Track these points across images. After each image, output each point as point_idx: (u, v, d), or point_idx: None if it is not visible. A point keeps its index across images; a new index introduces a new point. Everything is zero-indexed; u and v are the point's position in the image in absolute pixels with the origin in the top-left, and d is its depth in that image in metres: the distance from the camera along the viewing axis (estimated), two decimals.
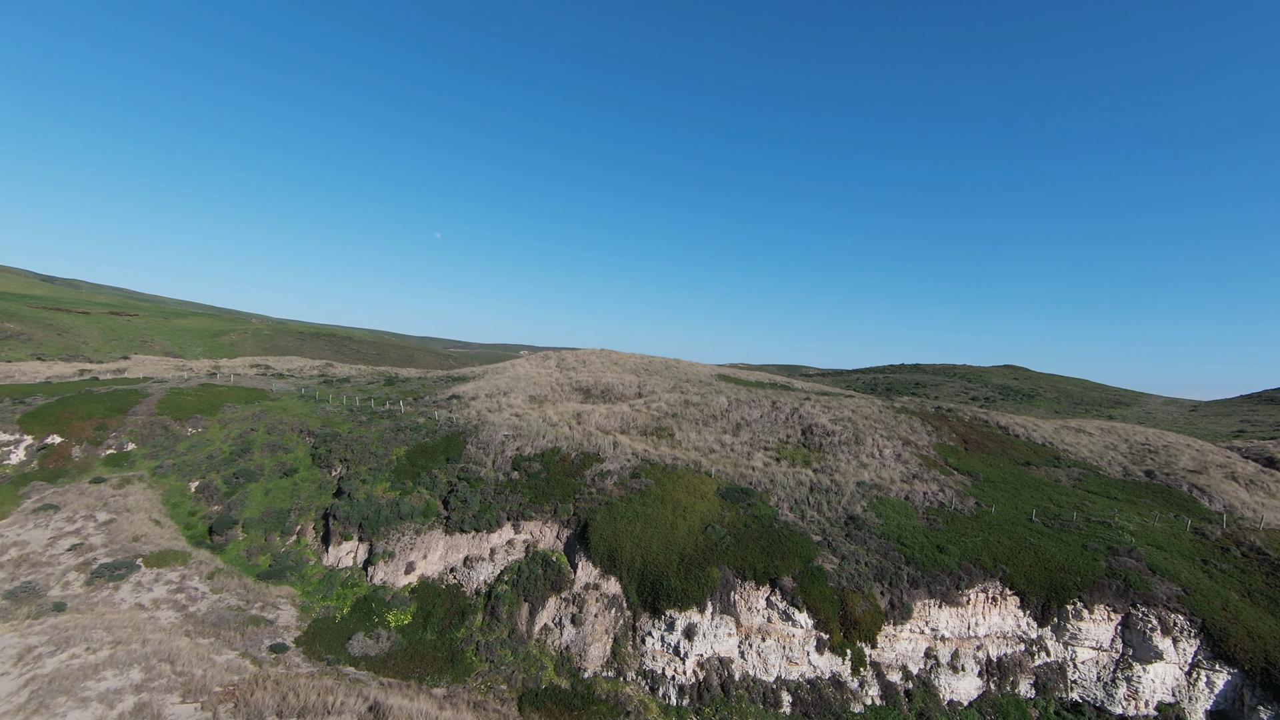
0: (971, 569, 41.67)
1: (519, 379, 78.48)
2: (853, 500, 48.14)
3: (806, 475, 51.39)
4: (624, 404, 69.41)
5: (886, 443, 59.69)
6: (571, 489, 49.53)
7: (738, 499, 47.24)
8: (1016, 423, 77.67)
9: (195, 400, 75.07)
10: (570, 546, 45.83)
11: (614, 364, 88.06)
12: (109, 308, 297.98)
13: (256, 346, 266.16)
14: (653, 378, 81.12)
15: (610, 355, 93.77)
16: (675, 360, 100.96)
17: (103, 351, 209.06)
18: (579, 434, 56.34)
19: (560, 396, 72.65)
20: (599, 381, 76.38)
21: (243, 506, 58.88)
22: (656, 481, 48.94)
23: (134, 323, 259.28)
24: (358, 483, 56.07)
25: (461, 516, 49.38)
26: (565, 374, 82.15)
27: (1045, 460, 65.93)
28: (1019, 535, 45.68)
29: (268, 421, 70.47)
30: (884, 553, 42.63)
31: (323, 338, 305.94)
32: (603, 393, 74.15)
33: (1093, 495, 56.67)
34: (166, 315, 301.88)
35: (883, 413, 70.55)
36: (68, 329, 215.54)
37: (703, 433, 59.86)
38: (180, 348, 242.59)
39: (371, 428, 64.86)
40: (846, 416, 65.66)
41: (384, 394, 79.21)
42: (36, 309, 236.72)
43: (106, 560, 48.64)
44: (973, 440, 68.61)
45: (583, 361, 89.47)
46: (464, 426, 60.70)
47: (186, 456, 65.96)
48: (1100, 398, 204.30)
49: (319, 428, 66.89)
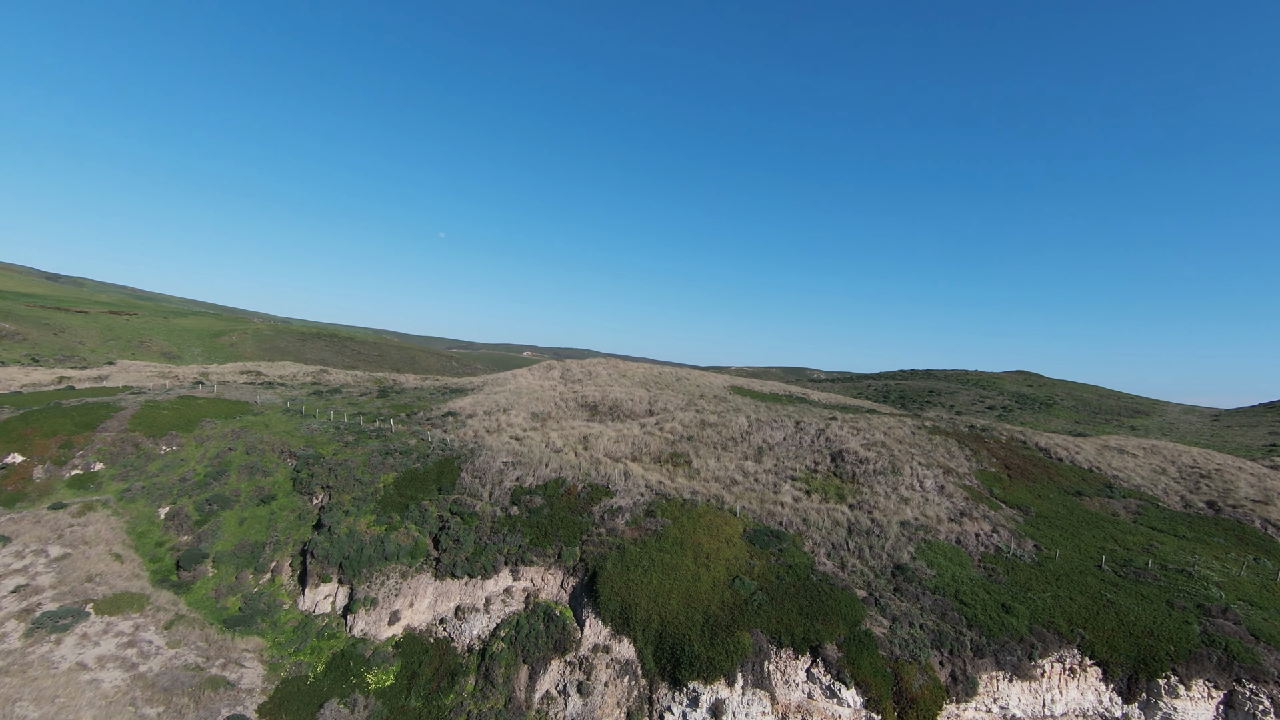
0: (1044, 634, 35.47)
1: (520, 393, 72.41)
2: (898, 545, 41.96)
3: (843, 513, 45.23)
4: (634, 423, 63.31)
5: (926, 471, 53.49)
6: (578, 528, 43.41)
7: (767, 543, 41.09)
8: (1057, 444, 71.35)
9: (172, 415, 69.14)
10: (577, 599, 39.71)
11: (622, 376, 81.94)
12: (108, 307, 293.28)
13: (256, 347, 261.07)
14: (664, 392, 75.02)
15: (618, 366, 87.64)
16: (686, 371, 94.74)
17: (99, 352, 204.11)
18: (586, 461, 50.26)
19: (565, 414, 66.59)
20: (606, 397, 70.31)
21: (214, 538, 52.92)
22: (674, 521, 42.80)
23: (133, 322, 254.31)
24: (340, 514, 50.03)
25: (454, 559, 43.31)
26: (570, 388, 76.06)
27: (1096, 489, 59.65)
28: (1092, 589, 39.44)
29: (248, 440, 64.49)
30: (941, 613, 36.45)
31: (323, 338, 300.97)
32: (610, 409, 68.09)
33: (1159, 534, 50.38)
34: (166, 315, 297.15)
35: (915, 434, 64.30)
36: (64, 329, 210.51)
37: (722, 459, 53.73)
38: (178, 349, 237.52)
39: (359, 449, 58.84)
40: (879, 440, 59.44)
41: (375, 408, 73.25)
42: (34, 308, 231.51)
43: (52, 607, 42.64)
44: (1015, 465, 62.34)
45: (588, 373, 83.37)
46: (459, 450, 54.63)
47: (158, 478, 60.04)
48: (1118, 406, 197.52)
49: (302, 448, 60.88)
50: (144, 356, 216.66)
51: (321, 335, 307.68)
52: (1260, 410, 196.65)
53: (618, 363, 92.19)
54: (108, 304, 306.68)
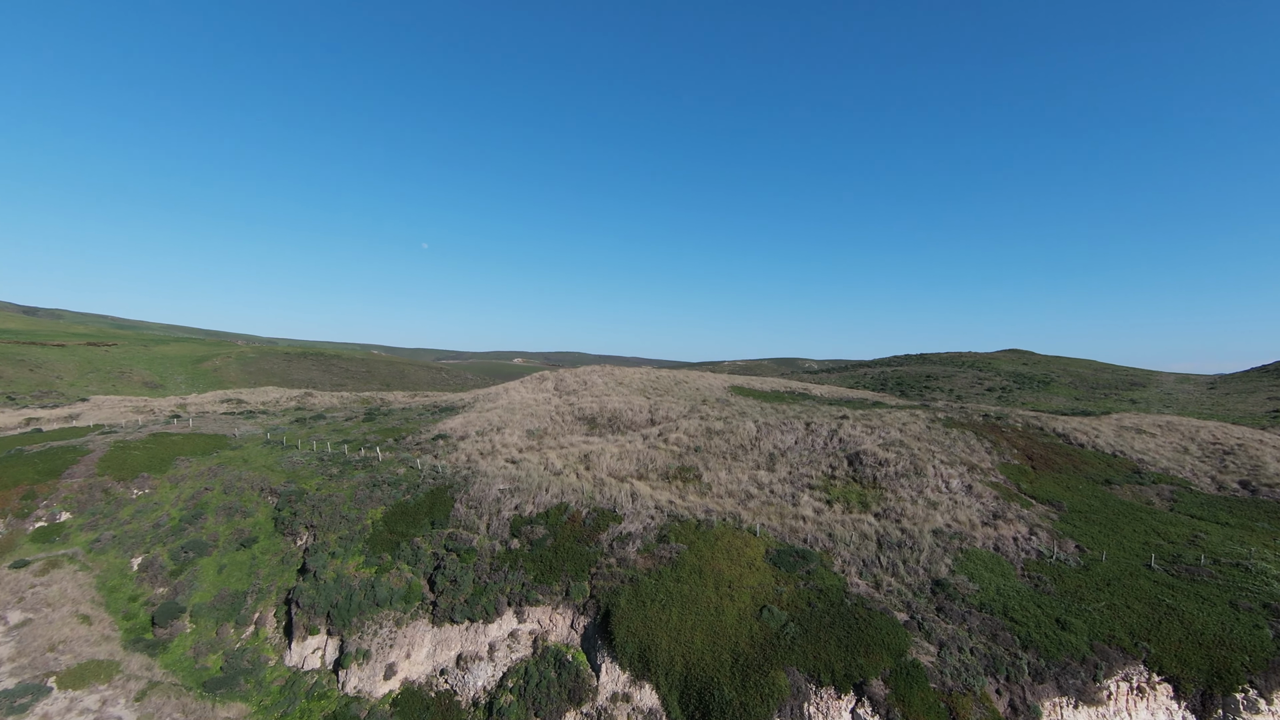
0: (1106, 650, 32.14)
1: (513, 409, 68.47)
2: (934, 557, 38.53)
3: (869, 524, 41.75)
4: (636, 435, 59.58)
5: (950, 470, 50.15)
6: (585, 560, 39.64)
7: (793, 565, 37.53)
8: (1075, 428, 68.32)
9: (143, 455, 64.63)
10: (590, 640, 35.97)
11: (619, 384, 78.18)
12: (87, 338, 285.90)
13: (241, 371, 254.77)
14: (664, 398, 71.36)
15: (613, 373, 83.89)
16: (684, 373, 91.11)
17: (78, 386, 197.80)
18: (589, 483, 46.51)
19: (562, 429, 62.76)
20: (604, 408, 66.53)
21: (191, 589, 48.73)
22: (690, 546, 39.14)
23: (112, 353, 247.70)
24: (326, 557, 45.98)
25: (451, 601, 39.43)
26: (565, 399, 72.19)
27: (1124, 475, 56.59)
28: (1147, 594, 36.19)
29: (225, 478, 60.17)
30: (991, 634, 33.04)
31: (309, 358, 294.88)
32: (610, 421, 64.34)
33: (1201, 522, 47.28)
34: (147, 343, 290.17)
35: (931, 429, 61.02)
36: (41, 364, 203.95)
37: (733, 470, 50.15)
38: (160, 377, 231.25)
39: (344, 481, 54.75)
40: (895, 439, 56.07)
41: (361, 434, 69.09)
42: (9, 344, 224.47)
43: (9, 684, 38.37)
44: (1037, 455, 59.19)
45: (583, 382, 79.53)
46: (451, 478, 50.67)
47: (129, 525, 55.70)
48: (1113, 379, 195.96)
49: (283, 484, 56.68)
50: (125, 387, 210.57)
51: (307, 355, 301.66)
52: (1255, 375, 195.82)
53: (613, 369, 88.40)
54: (86, 335, 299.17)
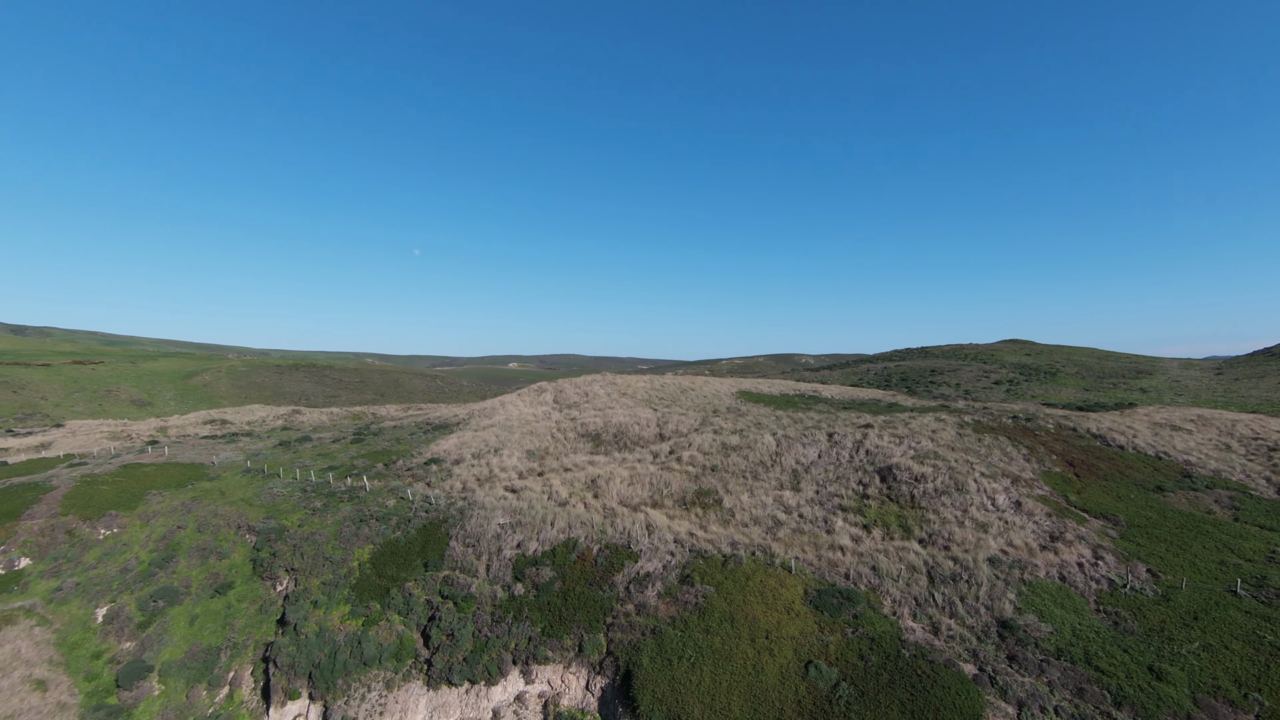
0: (1212, 705, 27.48)
1: (511, 427, 63.50)
2: (995, 592, 33.85)
3: (916, 553, 37.05)
4: (645, 453, 54.75)
5: (993, 485, 45.50)
6: (599, 607, 34.78)
7: (837, 608, 32.79)
8: (1110, 428, 63.83)
9: (112, 490, 59.37)
10: (609, 706, 31.10)
11: (622, 395, 73.31)
12: (73, 356, 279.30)
13: (231, 386, 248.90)
14: (671, 410, 66.56)
15: (615, 382, 79.00)
16: (688, 379, 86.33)
17: (64, 406, 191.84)
18: (598, 514, 41.65)
19: (564, 448, 57.88)
20: (609, 422, 61.68)
21: (160, 643, 43.62)
22: (718, 588, 34.33)
23: (99, 371, 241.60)
24: (307, 606, 40.96)
25: (449, 659, 34.52)
26: (566, 414, 67.27)
27: (1175, 480, 52.09)
28: (1243, 629, 31.60)
29: (200, 514, 55.03)
30: (1076, 688, 28.32)
31: (302, 369, 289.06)
32: (615, 437, 59.48)
33: (1273, 534, 42.75)
34: (135, 359, 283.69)
35: (962, 436, 56.41)
36: (25, 385, 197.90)
37: (756, 492, 45.39)
38: (148, 394, 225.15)
39: (328, 516, 49.75)
40: (927, 449, 51.41)
41: (349, 458, 64.01)
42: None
43: None
44: (1079, 461, 54.65)
45: (585, 394, 74.62)
46: (446, 511, 45.71)
47: (95, 570, 50.55)
48: (1118, 367, 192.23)
49: (262, 520, 51.61)
50: (112, 406, 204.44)
51: (300, 366, 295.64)
52: (1261, 359, 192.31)
53: (614, 378, 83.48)
54: (72, 353, 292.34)
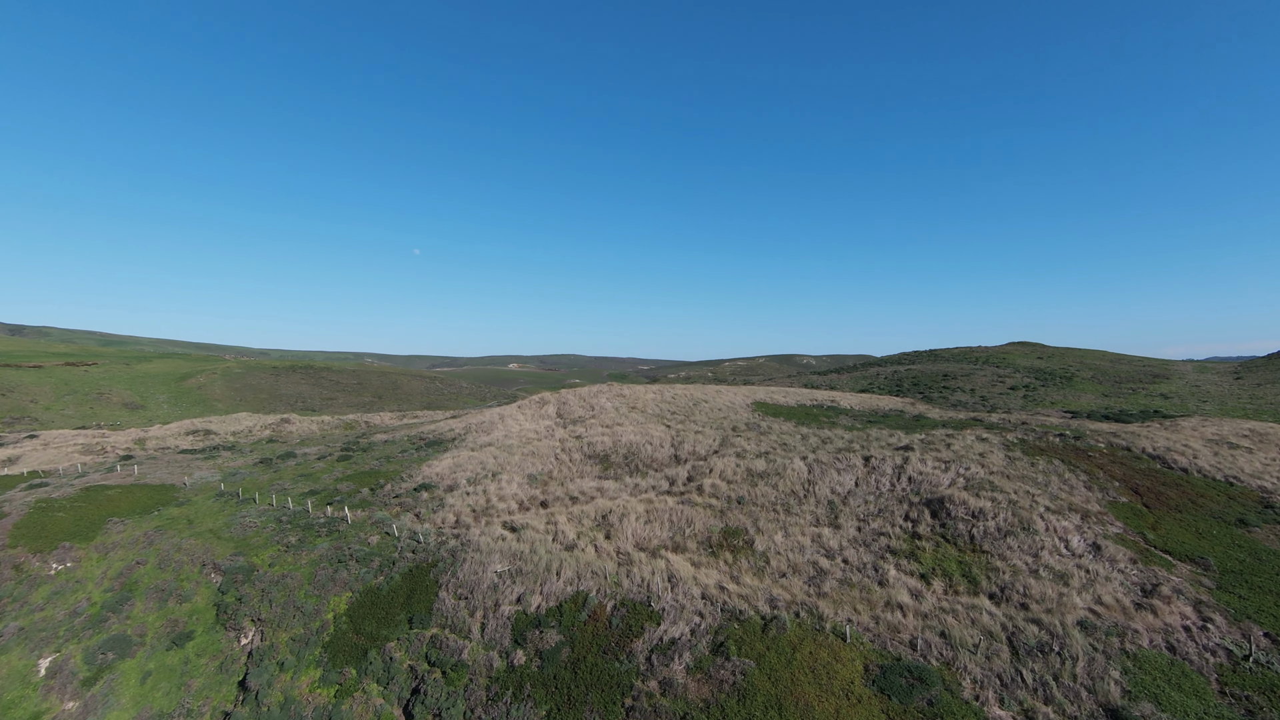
0: None
1: (511, 446, 57.41)
2: (1095, 669, 27.82)
3: (990, 613, 31.00)
4: (660, 477, 48.71)
5: (1062, 522, 39.44)
6: (616, 683, 28.71)
7: (908, 691, 26.73)
8: (1165, 447, 57.73)
9: (69, 518, 53.25)
10: None
11: (631, 408, 67.22)
12: (66, 358, 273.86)
13: (226, 388, 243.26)
14: (686, 426, 60.55)
15: (623, 394, 72.90)
16: (700, 390, 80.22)
17: (54, 409, 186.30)
18: (612, 561, 35.58)
19: (570, 471, 51.84)
20: (618, 441, 55.69)
21: (106, 706, 37.51)
22: (759, 662, 28.26)
23: (91, 373, 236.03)
24: (273, 669, 34.90)
25: None
26: (571, 430, 61.19)
27: (1255, 511, 46.00)
28: None
29: (163, 547, 48.93)
30: None
31: (299, 371, 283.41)
32: (626, 459, 53.48)
33: None
34: (129, 361, 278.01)
35: (1013, 460, 50.36)
36: (14, 387, 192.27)
37: (790, 530, 39.36)
38: (141, 397, 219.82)
39: (303, 554, 43.69)
40: (978, 477, 45.37)
41: (332, 480, 57.84)
42: None
43: None
44: (1143, 488, 48.60)
45: (590, 408, 68.54)
46: (435, 552, 39.62)
47: (42, 613, 44.45)
48: (1134, 371, 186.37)
49: (230, 557, 45.55)
50: (102, 409, 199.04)
51: (296, 368, 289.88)
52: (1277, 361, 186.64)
53: (621, 389, 77.40)
54: (66, 355, 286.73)
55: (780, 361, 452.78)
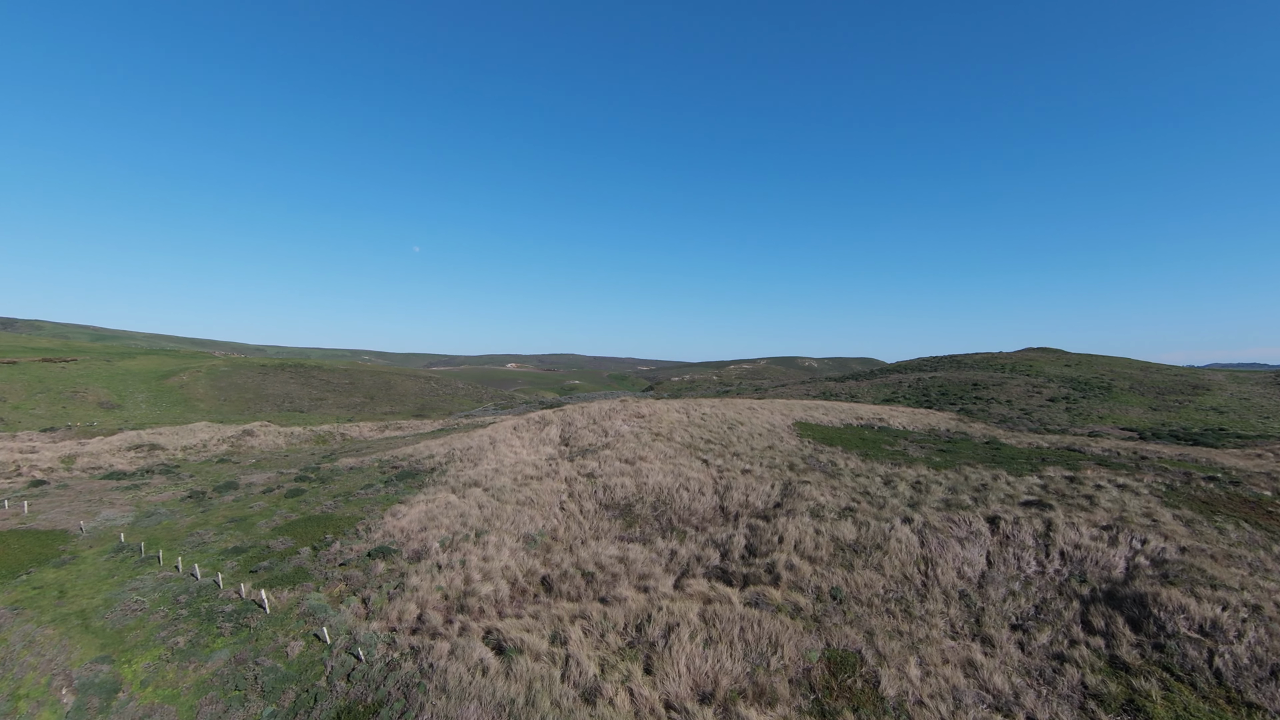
0: None
1: (502, 489, 43.08)
2: None
3: None
4: (706, 544, 34.54)
5: None
6: None
7: None
8: None
9: None
10: None
11: (655, 435, 52.85)
12: (44, 353, 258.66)
13: (210, 386, 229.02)
14: (729, 462, 46.36)
15: (642, 414, 58.38)
16: (734, 411, 65.83)
17: (23, 409, 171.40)
18: None
19: (581, 530, 37.65)
20: (644, 485, 41.50)
21: None
22: None
23: (69, 370, 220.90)
24: None
25: None
26: (580, 465, 46.84)
27: None
28: None
29: (10, 641, 34.56)
30: None
31: (288, 369, 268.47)
32: (656, 510, 39.32)
33: None
34: (111, 357, 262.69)
35: (1189, 523, 36.26)
36: None
37: (926, 654, 25.24)
38: (119, 396, 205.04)
39: (190, 668, 29.30)
40: (1165, 554, 31.21)
41: (269, 529, 43.32)
42: None
43: None
44: None
45: (603, 432, 54.20)
46: (378, 686, 25.31)
47: None
48: (1170, 382, 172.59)
49: (92, 664, 31.11)
50: (76, 409, 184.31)
51: (286, 367, 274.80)
52: None
53: (639, 406, 62.96)
54: (45, 350, 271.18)
55: (782, 364, 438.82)
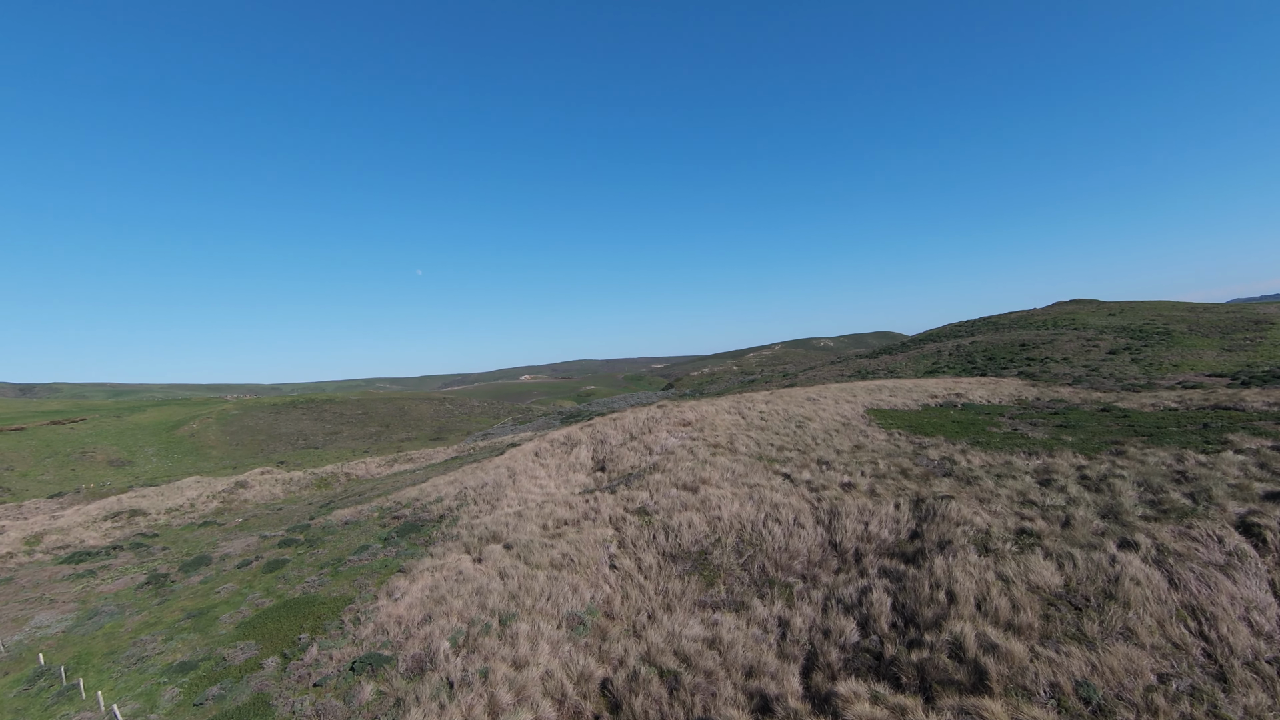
0: None
1: (529, 540, 32.09)
2: None
3: None
4: (824, 602, 23.32)
5: None
6: None
7: None
8: None
9: None
10: None
11: (713, 447, 41.49)
12: (53, 415, 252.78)
13: (221, 432, 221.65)
14: (819, 474, 35.15)
15: (688, 420, 46.81)
16: (796, 405, 54.33)
17: (32, 475, 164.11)
18: None
19: (643, 599, 26.60)
20: (716, 520, 30.25)
21: None
22: None
23: (77, 430, 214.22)
24: None
25: None
26: (624, 497, 35.77)
27: None
28: None
29: None
30: None
31: (300, 406, 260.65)
32: (740, 553, 28.14)
33: None
34: (120, 413, 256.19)
35: None
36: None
37: None
38: (129, 452, 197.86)
39: None
40: None
41: (233, 626, 32.50)
42: None
43: None
44: None
45: (646, 447, 42.96)
46: None
47: None
48: (1227, 320, 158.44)
49: None
50: (85, 470, 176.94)
51: (297, 403, 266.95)
52: None
53: (683, 410, 51.56)
54: (54, 413, 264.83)
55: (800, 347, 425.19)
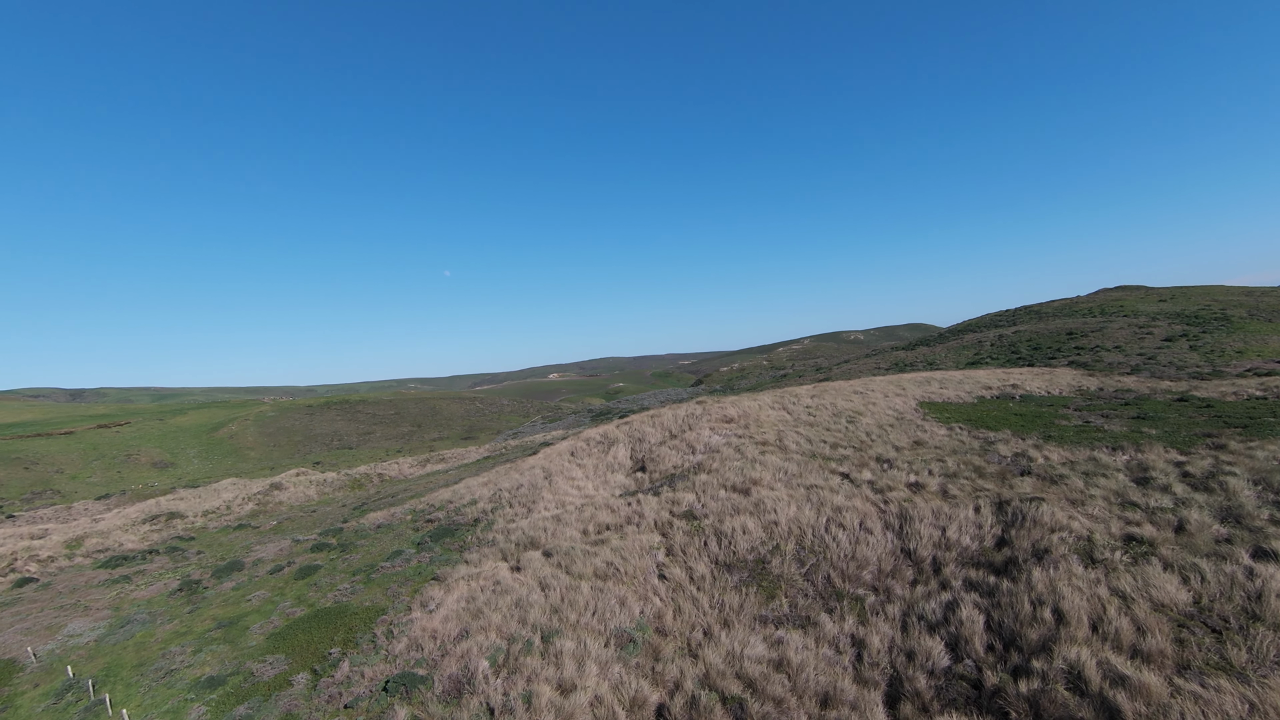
0: None
1: (570, 546, 29.74)
2: None
3: None
4: (903, 618, 20.53)
5: None
6: None
7: None
8: None
9: None
10: None
11: (761, 445, 38.73)
12: (100, 419, 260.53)
13: (258, 433, 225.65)
14: (881, 474, 32.13)
15: (730, 416, 44.07)
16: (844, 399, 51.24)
17: (80, 478, 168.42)
18: None
19: (698, 614, 24.03)
20: (773, 525, 27.44)
21: None
22: None
23: (122, 434, 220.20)
24: None
25: None
26: (668, 500, 33.26)
27: None
28: None
29: None
30: None
31: (334, 407, 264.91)
32: (801, 561, 25.29)
33: None
34: (163, 416, 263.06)
35: None
36: (39, 459, 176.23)
37: None
38: (171, 454, 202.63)
39: None
40: None
41: (263, 638, 30.96)
42: (10, 440, 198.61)
43: None
44: None
45: (689, 446, 40.32)
46: None
47: None
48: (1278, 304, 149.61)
49: None
50: (131, 472, 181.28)
51: (332, 404, 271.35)
52: None
53: (725, 406, 48.71)
54: (100, 417, 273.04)
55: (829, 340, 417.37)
